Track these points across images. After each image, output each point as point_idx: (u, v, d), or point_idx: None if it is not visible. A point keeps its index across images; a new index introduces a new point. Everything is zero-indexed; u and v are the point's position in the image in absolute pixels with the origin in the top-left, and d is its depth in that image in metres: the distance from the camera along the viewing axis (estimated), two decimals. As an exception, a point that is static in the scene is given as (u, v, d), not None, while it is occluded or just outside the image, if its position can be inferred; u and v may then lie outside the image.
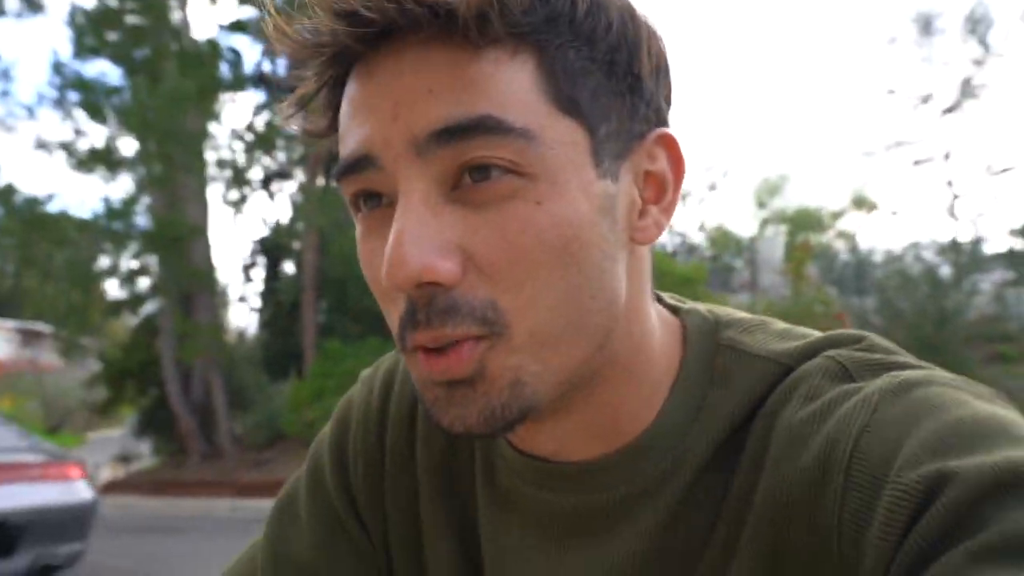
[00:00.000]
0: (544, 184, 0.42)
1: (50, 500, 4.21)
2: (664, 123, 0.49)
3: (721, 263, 19.44)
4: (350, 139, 0.44)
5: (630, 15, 0.46)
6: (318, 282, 13.09)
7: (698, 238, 19.49)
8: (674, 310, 0.55)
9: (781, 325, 0.54)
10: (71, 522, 4.31)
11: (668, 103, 0.50)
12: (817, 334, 0.51)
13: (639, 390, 0.50)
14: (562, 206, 0.42)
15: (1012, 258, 14.69)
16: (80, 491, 4.46)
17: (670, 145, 0.49)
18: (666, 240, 18.92)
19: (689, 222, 18.88)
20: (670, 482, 0.49)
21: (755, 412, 0.48)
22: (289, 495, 0.64)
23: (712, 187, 19.18)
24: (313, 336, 12.92)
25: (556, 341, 0.44)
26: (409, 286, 0.41)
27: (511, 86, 0.42)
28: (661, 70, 0.48)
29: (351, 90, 0.45)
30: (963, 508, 0.35)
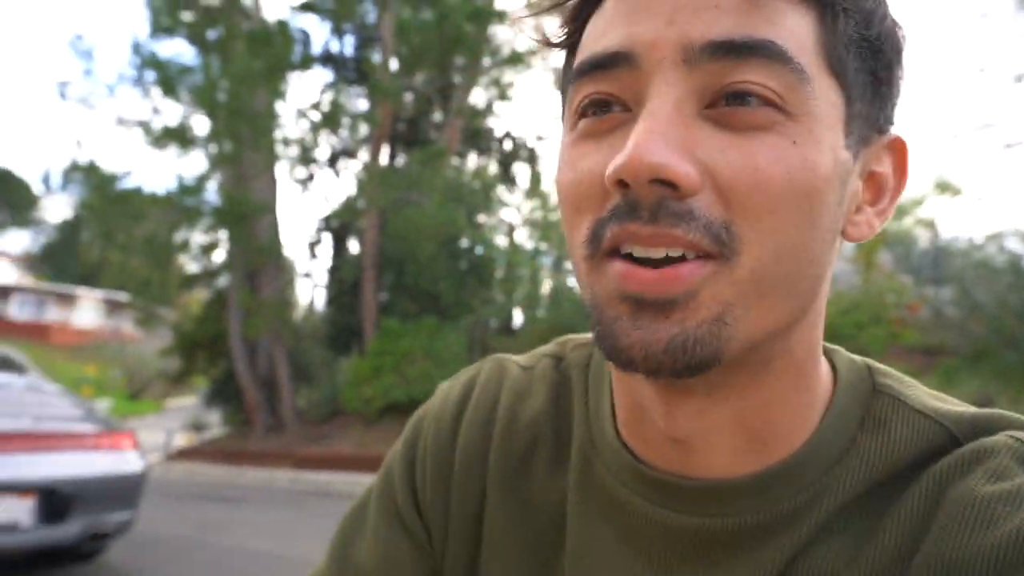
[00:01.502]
0: (803, 127, 0.41)
1: (102, 470, 4.34)
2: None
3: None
4: (608, 38, 0.43)
5: (899, 26, 0.46)
6: (378, 261, 13.25)
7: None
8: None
9: (928, 389, 0.51)
10: (121, 492, 4.45)
11: (895, 121, 0.49)
12: (972, 409, 0.48)
13: (799, 400, 0.47)
14: (815, 154, 0.41)
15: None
16: (131, 462, 4.59)
17: (900, 152, 0.48)
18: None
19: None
20: (805, 518, 0.46)
21: (913, 471, 0.45)
22: (361, 501, 0.64)
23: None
24: (374, 314, 13.10)
25: (771, 290, 0.41)
26: (645, 177, 0.39)
27: (795, 27, 0.41)
28: (901, 87, 0.48)
29: None
30: None
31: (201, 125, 13.06)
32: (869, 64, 0.44)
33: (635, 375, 0.43)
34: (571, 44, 0.48)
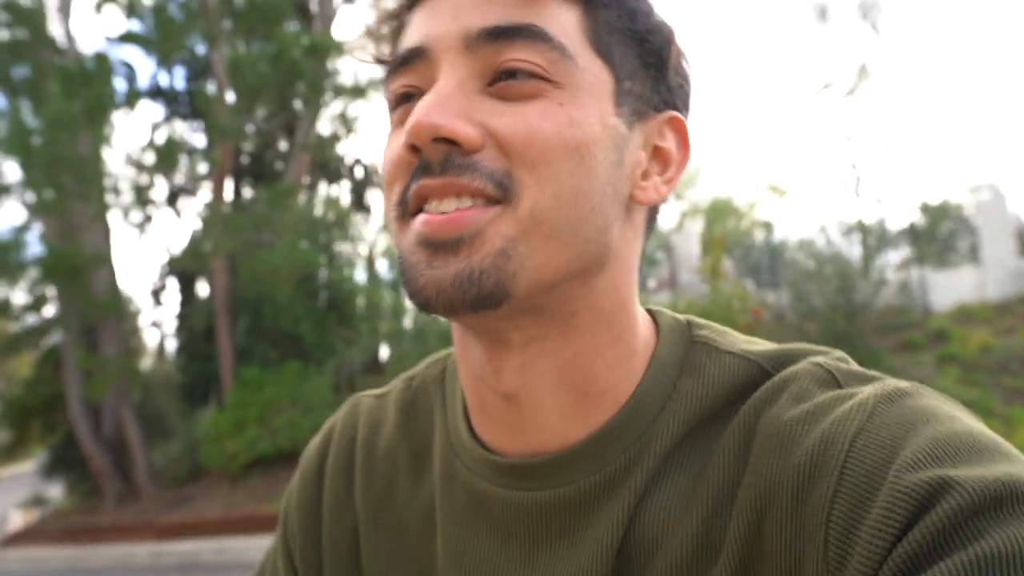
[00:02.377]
0: (568, 94, 0.47)
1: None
2: (679, 112, 0.54)
3: (646, 258, 19.63)
4: (408, 39, 0.50)
5: (668, 26, 0.53)
6: (230, 305, 12.55)
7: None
8: (645, 310, 0.57)
9: (745, 335, 0.56)
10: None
11: (686, 110, 0.55)
12: (781, 345, 0.53)
13: (616, 352, 0.51)
14: (581, 114, 0.47)
15: (914, 234, 15.31)
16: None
17: (680, 128, 0.54)
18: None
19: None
20: (639, 467, 0.49)
21: (730, 407, 0.49)
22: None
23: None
24: (231, 362, 12.38)
25: (552, 232, 0.46)
26: (427, 137, 0.45)
27: (558, 15, 0.48)
28: (683, 80, 0.55)
29: (420, 8, 0.51)
30: (963, 517, 0.36)
31: (15, 172, 11.88)
32: (636, 51, 0.51)
33: (459, 330, 0.52)
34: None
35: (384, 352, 11.54)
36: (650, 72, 0.52)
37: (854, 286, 8.34)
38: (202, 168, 13.70)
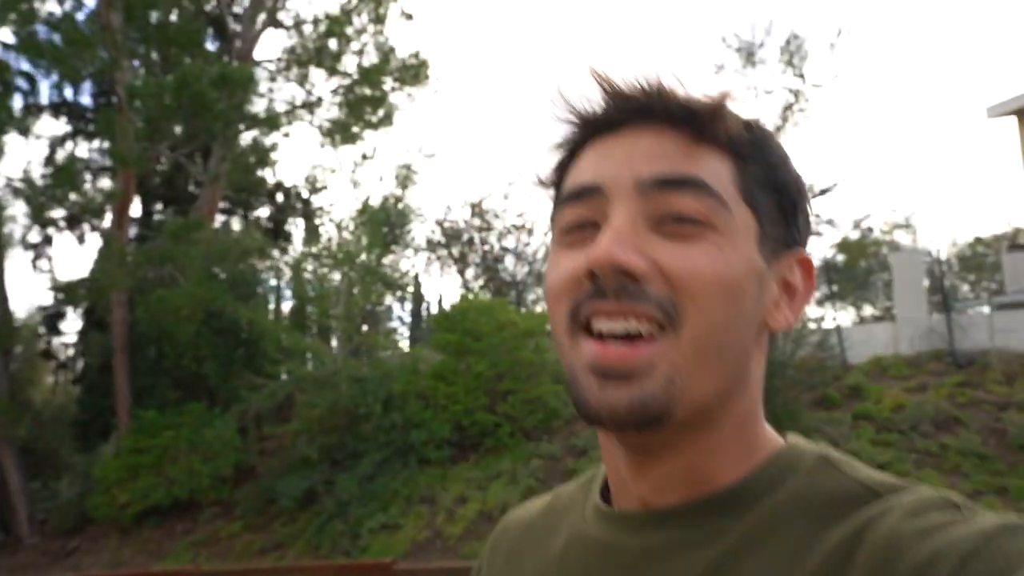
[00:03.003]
0: (725, 238, 0.54)
1: None
2: (804, 249, 0.62)
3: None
4: (583, 175, 0.58)
5: (800, 176, 0.61)
6: (130, 341, 11.72)
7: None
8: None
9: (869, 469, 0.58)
10: None
11: (807, 244, 0.63)
12: (895, 478, 0.55)
13: (737, 450, 0.57)
14: (734, 257, 0.54)
15: (832, 271, 15.63)
16: None
17: (807, 266, 0.62)
18: (516, 270, 18.73)
19: (539, 252, 18.71)
20: (729, 534, 0.54)
21: (835, 516, 0.51)
22: None
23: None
24: (127, 402, 11.54)
25: (708, 358, 0.53)
26: (609, 267, 0.51)
27: (716, 170, 0.56)
28: (809, 218, 0.62)
29: (592, 147, 0.59)
30: None
31: None
32: (775, 199, 0.58)
33: (607, 434, 0.58)
34: (557, 183, 0.62)
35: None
36: (785, 217, 0.59)
37: (775, 344, 8.27)
38: (108, 185, 12.84)
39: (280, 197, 17.37)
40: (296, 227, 17.00)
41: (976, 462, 7.21)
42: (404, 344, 16.91)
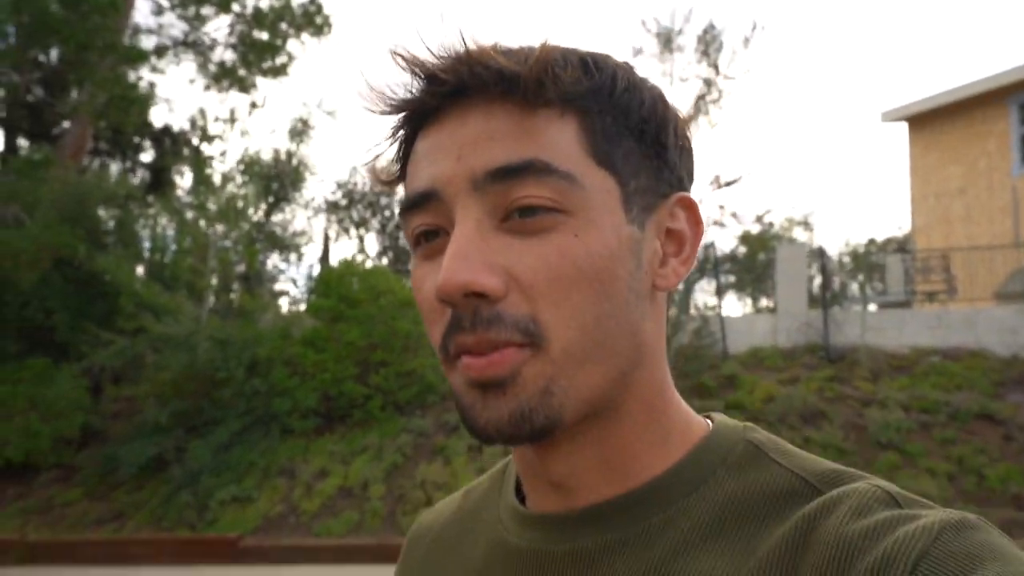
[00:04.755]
0: (582, 220, 0.49)
1: None
2: (685, 190, 0.57)
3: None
4: (418, 180, 0.52)
5: (661, 99, 0.55)
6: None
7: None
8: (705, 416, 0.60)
9: (806, 452, 0.55)
10: None
11: (690, 177, 0.58)
12: (830, 463, 0.53)
13: (655, 435, 0.54)
14: (596, 240, 0.49)
15: (734, 262, 15.84)
16: None
17: (690, 207, 0.56)
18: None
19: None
20: (664, 535, 0.51)
21: (772, 512, 0.49)
22: None
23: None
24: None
25: (585, 359, 0.49)
26: (458, 295, 0.47)
27: (558, 139, 0.49)
28: (685, 148, 0.57)
29: (421, 141, 0.53)
30: None
31: None
32: (636, 148, 0.52)
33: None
34: (402, 177, 0.57)
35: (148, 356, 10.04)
36: (652, 162, 0.53)
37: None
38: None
39: (168, 143, 16.20)
40: (182, 176, 15.90)
41: (836, 456, 7.28)
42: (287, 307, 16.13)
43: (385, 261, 17.38)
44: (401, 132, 0.55)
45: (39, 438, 9.08)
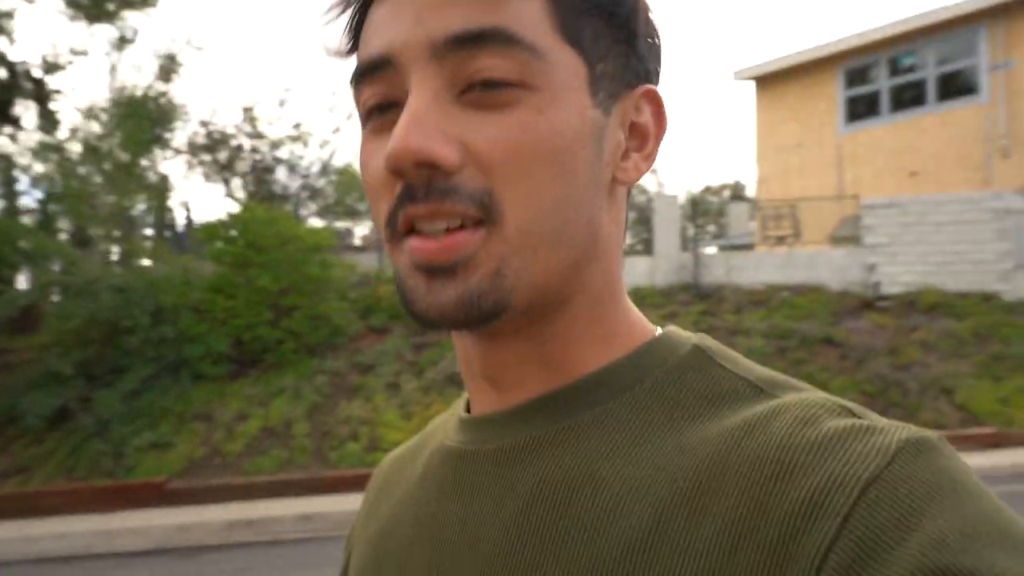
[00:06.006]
0: (546, 96, 0.46)
1: None
2: (652, 83, 0.53)
3: (346, 208, 19.01)
4: (371, 44, 0.48)
5: None
6: None
7: (322, 182, 18.58)
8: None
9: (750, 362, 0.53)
10: None
11: (656, 75, 0.54)
12: (776, 373, 0.50)
13: (596, 334, 0.52)
14: (560, 118, 0.46)
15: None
16: None
17: (655, 101, 0.53)
18: (289, 183, 17.86)
19: (314, 165, 17.91)
20: (583, 435, 0.48)
21: (709, 413, 0.46)
22: None
23: (337, 130, 18.29)
24: None
25: (540, 242, 0.46)
26: (409, 163, 0.44)
27: (523, 10, 0.46)
28: (653, 41, 0.53)
29: (377, 6, 0.49)
30: None
31: None
32: (605, 30, 0.49)
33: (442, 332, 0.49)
34: (354, 49, 0.53)
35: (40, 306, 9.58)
36: (621, 47, 0.50)
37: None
38: None
39: (3, 73, 14.72)
40: (26, 110, 14.58)
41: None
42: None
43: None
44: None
45: (-88, 397, 8.53)
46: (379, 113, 0.48)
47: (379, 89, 0.48)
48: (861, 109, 14.62)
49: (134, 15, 12.44)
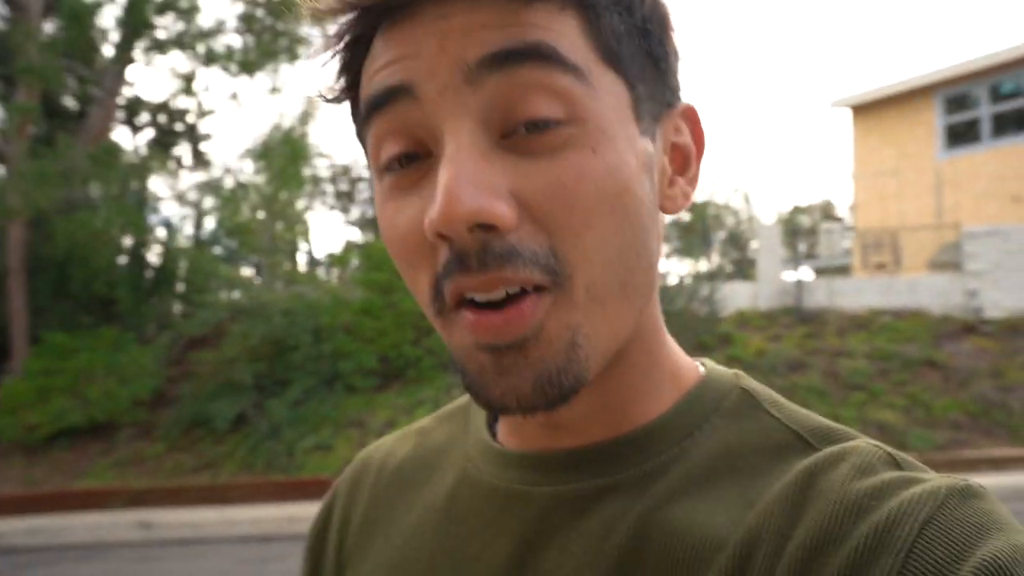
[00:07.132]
0: (596, 131, 0.42)
1: None
2: (681, 100, 0.50)
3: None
4: (381, 76, 0.42)
5: (660, 2, 0.47)
6: (27, 263, 11.30)
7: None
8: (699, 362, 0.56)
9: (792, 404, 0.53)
10: None
11: (681, 89, 0.50)
12: (824, 420, 0.50)
13: (652, 378, 0.50)
14: (614, 156, 0.42)
15: (678, 228, 17.51)
16: None
17: (694, 119, 0.50)
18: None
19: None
20: (656, 481, 0.47)
21: (767, 463, 0.46)
22: None
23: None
24: (24, 326, 11.20)
25: (609, 299, 0.43)
26: (463, 227, 0.39)
27: (562, 30, 0.41)
28: (679, 54, 0.49)
29: (382, 39, 0.43)
30: None
31: None
32: (641, 47, 0.45)
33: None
34: (353, 96, 0.47)
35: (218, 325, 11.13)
36: (657, 66, 0.47)
37: (671, 297, 9.76)
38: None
39: (163, 118, 16.70)
40: (184, 152, 16.51)
41: (818, 396, 9.12)
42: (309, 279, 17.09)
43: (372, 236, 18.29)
44: (353, 33, 0.44)
45: (118, 400, 10.07)
46: (400, 165, 0.43)
47: (396, 123, 0.42)
48: (960, 135, 14.88)
49: (282, 67, 13.98)
